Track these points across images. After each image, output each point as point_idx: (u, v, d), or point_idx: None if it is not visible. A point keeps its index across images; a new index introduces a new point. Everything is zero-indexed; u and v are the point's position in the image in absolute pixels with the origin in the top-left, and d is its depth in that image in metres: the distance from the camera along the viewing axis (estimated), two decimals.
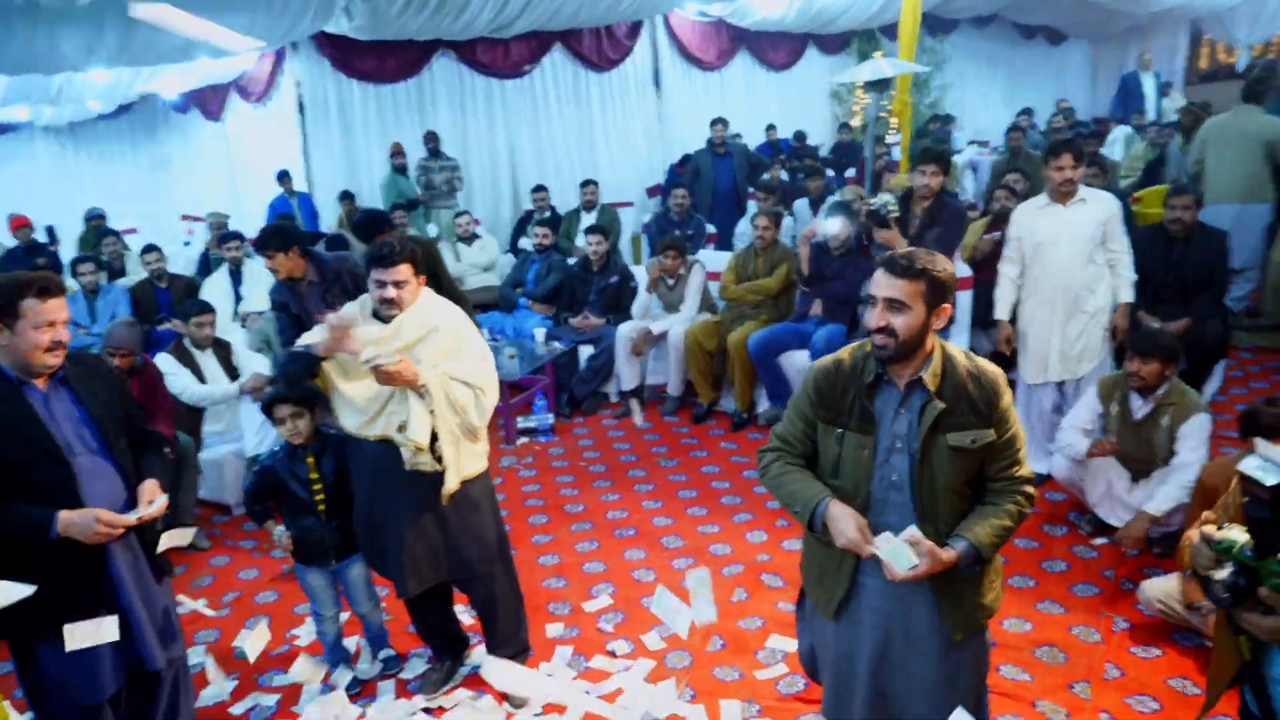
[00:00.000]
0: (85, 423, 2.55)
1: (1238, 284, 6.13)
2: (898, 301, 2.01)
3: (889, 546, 2.00)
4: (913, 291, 2.01)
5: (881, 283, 2.04)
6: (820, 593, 2.28)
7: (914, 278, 2.01)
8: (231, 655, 3.62)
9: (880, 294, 2.03)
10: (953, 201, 4.80)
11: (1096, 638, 3.26)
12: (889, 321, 2.01)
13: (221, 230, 7.65)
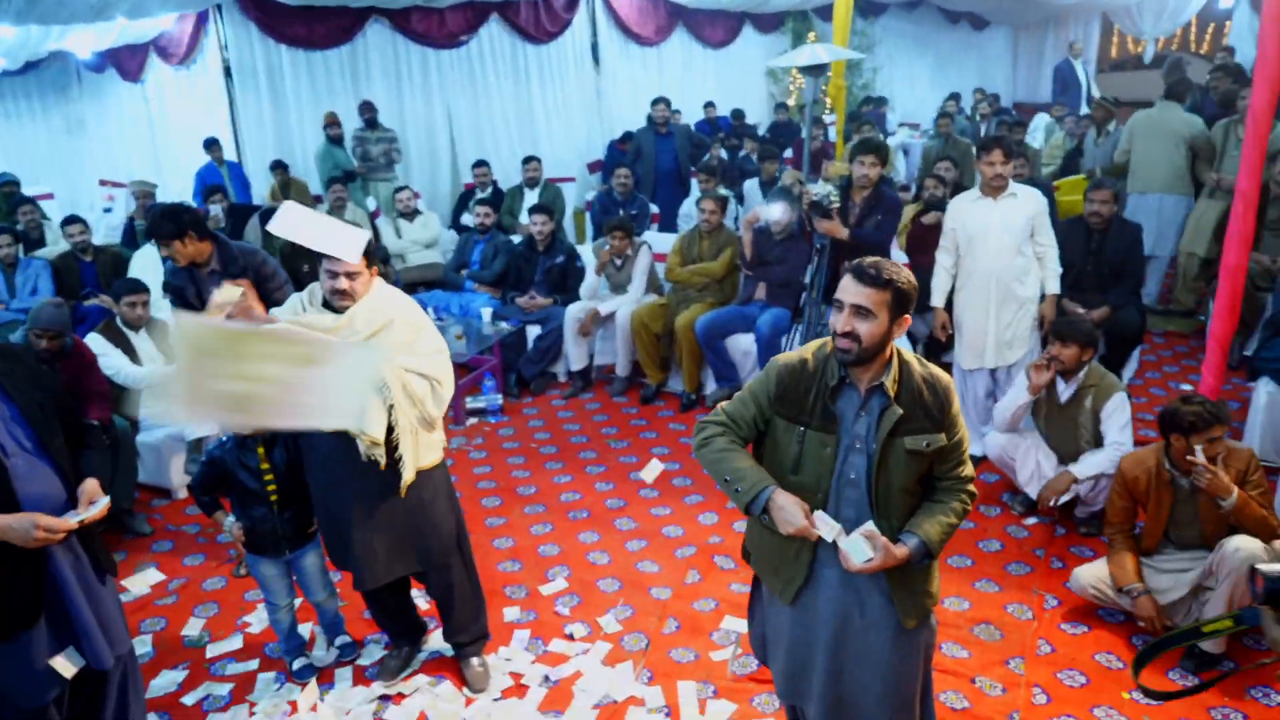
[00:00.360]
0: (16, 421, 2.44)
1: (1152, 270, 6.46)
2: (864, 309, 2.07)
3: (848, 539, 2.07)
4: (879, 300, 2.07)
5: (850, 289, 2.09)
6: (776, 581, 2.34)
7: (881, 287, 2.07)
8: (180, 644, 3.55)
9: (848, 300, 2.09)
10: (891, 191, 4.93)
11: (1029, 615, 3.44)
12: (854, 327, 2.07)
13: (149, 202, 7.31)
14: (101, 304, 5.72)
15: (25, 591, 2.45)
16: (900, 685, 2.26)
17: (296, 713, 3.14)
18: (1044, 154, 8.87)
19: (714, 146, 8.69)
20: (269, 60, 8.62)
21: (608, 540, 4.12)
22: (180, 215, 3.81)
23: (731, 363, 5.46)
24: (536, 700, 3.13)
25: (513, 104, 10.05)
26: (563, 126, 10.43)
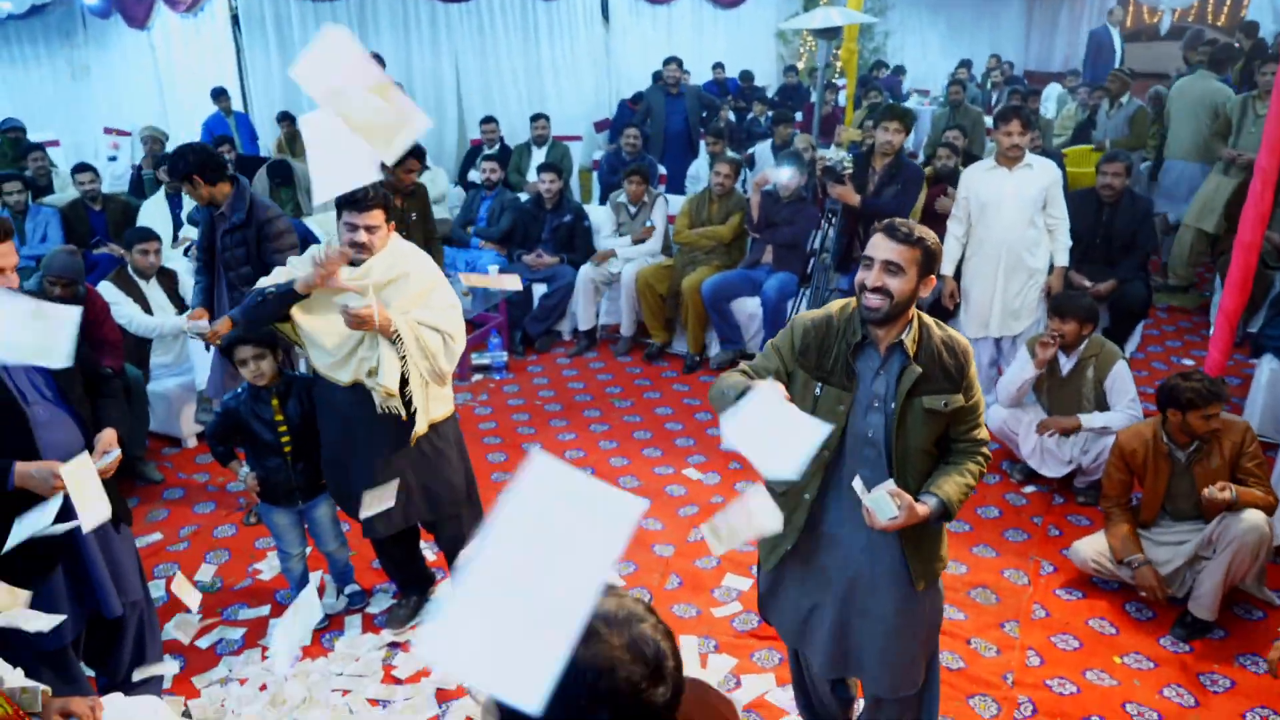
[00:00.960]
0: (39, 369, 2.46)
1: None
2: (895, 264, 2.08)
3: (874, 495, 2.09)
4: (909, 257, 2.08)
5: (881, 246, 2.10)
6: (764, 545, 2.39)
7: (912, 245, 2.09)
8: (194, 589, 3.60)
9: (878, 256, 2.10)
10: (912, 163, 4.86)
11: (1025, 581, 3.50)
12: (885, 283, 2.09)
13: (158, 150, 7.27)
14: (111, 252, 5.71)
15: (43, 538, 2.49)
16: (904, 645, 2.31)
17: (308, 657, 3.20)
18: (1055, 124, 8.79)
19: (723, 109, 8.61)
20: (277, 9, 8.53)
21: None
22: (187, 156, 3.72)
23: (736, 325, 5.48)
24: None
25: (521, 60, 9.93)
26: (571, 84, 10.32)
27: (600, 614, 0.97)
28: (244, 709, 2.97)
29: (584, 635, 0.94)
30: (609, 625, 0.96)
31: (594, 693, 0.93)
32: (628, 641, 0.95)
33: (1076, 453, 3.98)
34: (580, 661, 0.92)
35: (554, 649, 0.92)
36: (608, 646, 0.94)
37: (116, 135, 9.95)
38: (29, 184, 6.28)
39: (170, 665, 3.07)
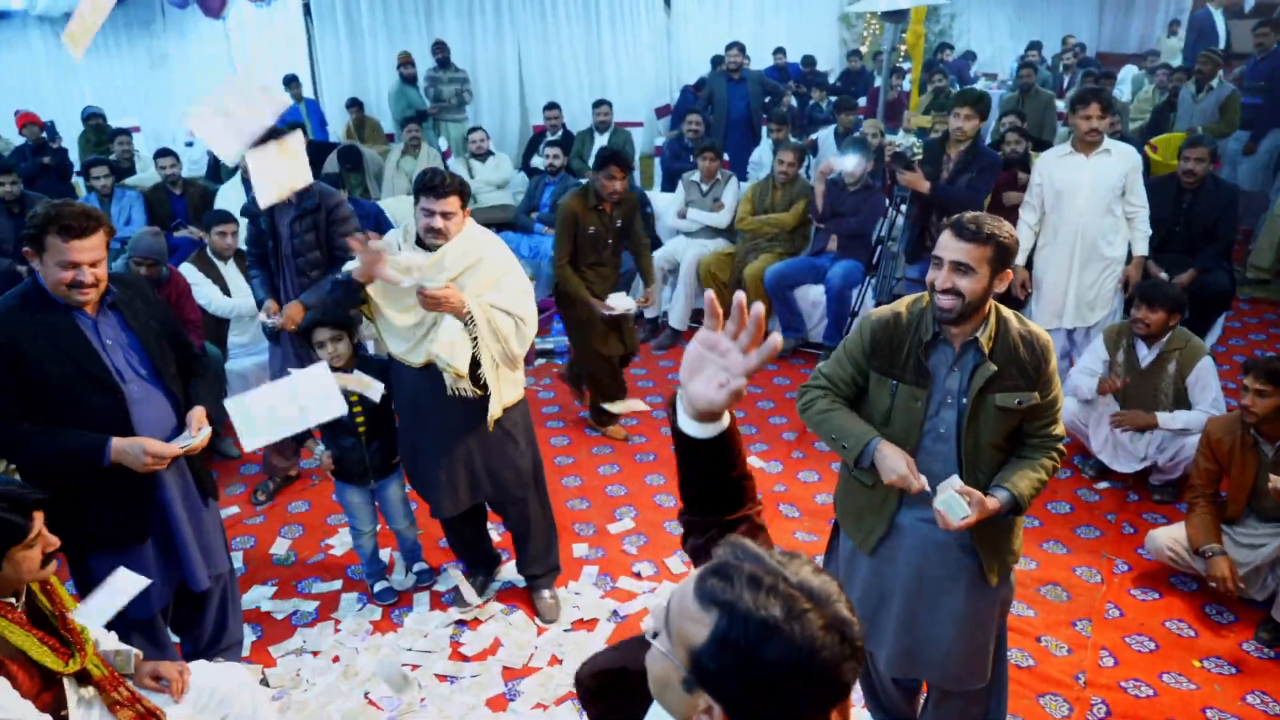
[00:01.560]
0: (134, 348, 2.54)
1: None
2: (964, 265, 2.02)
3: (944, 497, 2.06)
4: (980, 256, 2.01)
5: (949, 245, 2.04)
6: (858, 531, 2.36)
7: (982, 242, 2.01)
8: (269, 561, 3.71)
9: (947, 256, 2.04)
10: (989, 150, 4.72)
11: (1098, 579, 3.40)
12: (955, 284, 2.03)
13: None
14: (190, 235, 5.87)
15: (135, 511, 2.59)
16: (974, 638, 2.28)
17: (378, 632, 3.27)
18: (1131, 108, 8.49)
19: (786, 94, 8.50)
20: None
21: (673, 484, 4.14)
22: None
23: (799, 313, 5.42)
24: (605, 634, 3.21)
25: (583, 47, 9.94)
26: (632, 71, 10.30)
27: (803, 588, 0.96)
28: (318, 679, 3.04)
29: (795, 611, 0.93)
30: (812, 601, 0.94)
31: (806, 671, 0.93)
32: (830, 620, 0.94)
33: (1152, 450, 3.86)
34: (795, 639, 0.92)
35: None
36: (815, 626, 0.93)
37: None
38: (114, 168, 6.47)
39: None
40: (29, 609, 2.14)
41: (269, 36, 9.14)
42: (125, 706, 2.25)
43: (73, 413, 2.42)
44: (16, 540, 2.01)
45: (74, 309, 2.44)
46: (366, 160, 7.05)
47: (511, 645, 3.16)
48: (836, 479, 2.46)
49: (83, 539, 2.54)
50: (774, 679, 0.94)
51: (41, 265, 2.37)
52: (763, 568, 0.98)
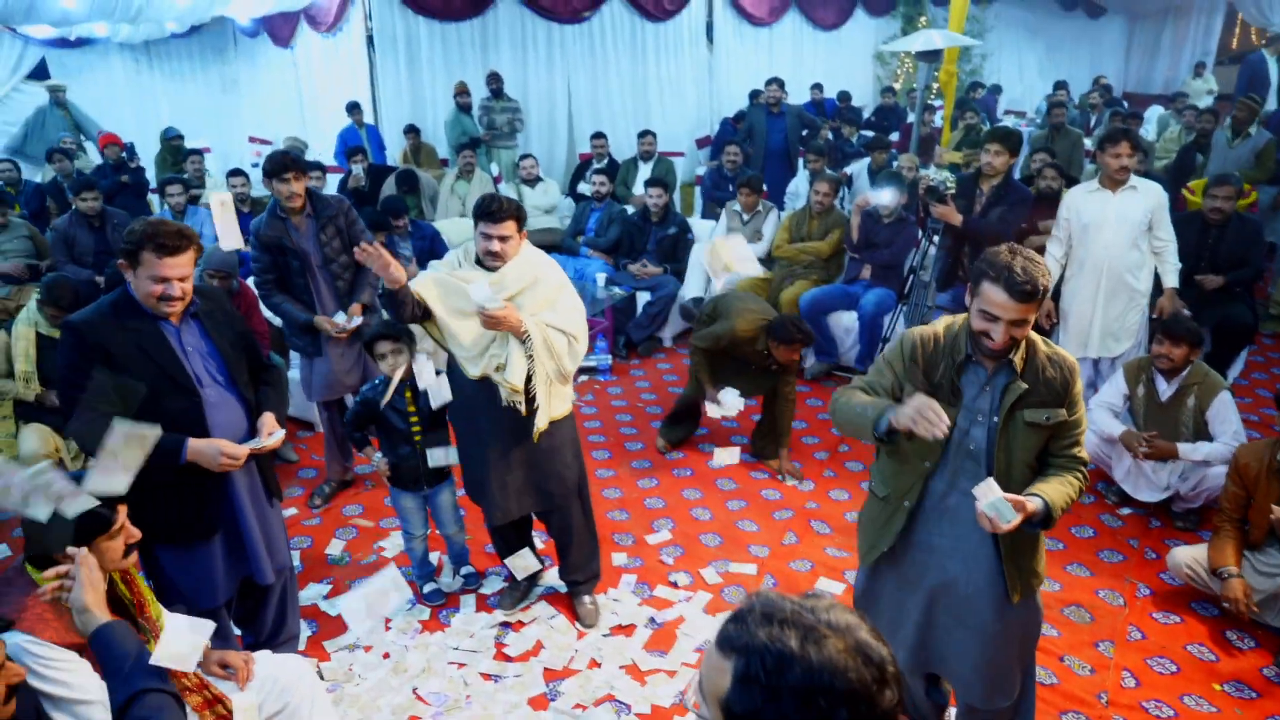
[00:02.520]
0: (212, 356, 2.63)
1: None
2: (1020, 320, 2.04)
3: (991, 500, 2.01)
4: (1033, 308, 2.04)
5: (1008, 307, 2.01)
6: (863, 541, 2.39)
7: (1038, 300, 2.02)
8: (324, 561, 3.78)
9: (1005, 317, 2.02)
10: (1021, 186, 4.71)
11: (1120, 601, 3.37)
12: (1013, 335, 2.06)
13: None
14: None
15: (207, 507, 2.66)
16: (1001, 654, 2.27)
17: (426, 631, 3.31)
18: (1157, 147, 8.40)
19: (823, 128, 8.53)
20: (408, 30, 8.82)
21: (710, 498, 4.19)
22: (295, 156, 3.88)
23: (832, 338, 5.43)
24: (643, 640, 3.23)
25: (629, 79, 10.04)
26: (675, 102, 10.39)
27: (825, 620, 0.94)
28: (369, 674, 3.09)
29: (814, 638, 0.91)
30: (833, 631, 0.92)
31: (832, 693, 0.90)
32: (853, 645, 0.92)
33: (1174, 479, 3.81)
34: (814, 663, 0.90)
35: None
36: (835, 649, 0.91)
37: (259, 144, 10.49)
38: (187, 186, 6.66)
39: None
40: (110, 597, 2.22)
41: (334, 65, 9.35)
42: (194, 692, 2.31)
43: (153, 414, 2.49)
44: (102, 531, 2.08)
45: (160, 318, 2.53)
46: (423, 184, 7.19)
47: (553, 648, 3.19)
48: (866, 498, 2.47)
49: (155, 532, 2.61)
50: (803, 708, 0.91)
51: (135, 277, 2.46)
52: (776, 604, 0.96)
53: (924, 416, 1.95)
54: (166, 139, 8.67)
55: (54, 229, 5.81)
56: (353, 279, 4.01)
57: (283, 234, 3.84)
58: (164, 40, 10.97)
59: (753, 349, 4.17)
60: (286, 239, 3.84)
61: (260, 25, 10.32)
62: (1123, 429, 3.82)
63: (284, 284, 3.93)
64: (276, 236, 3.84)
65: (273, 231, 3.84)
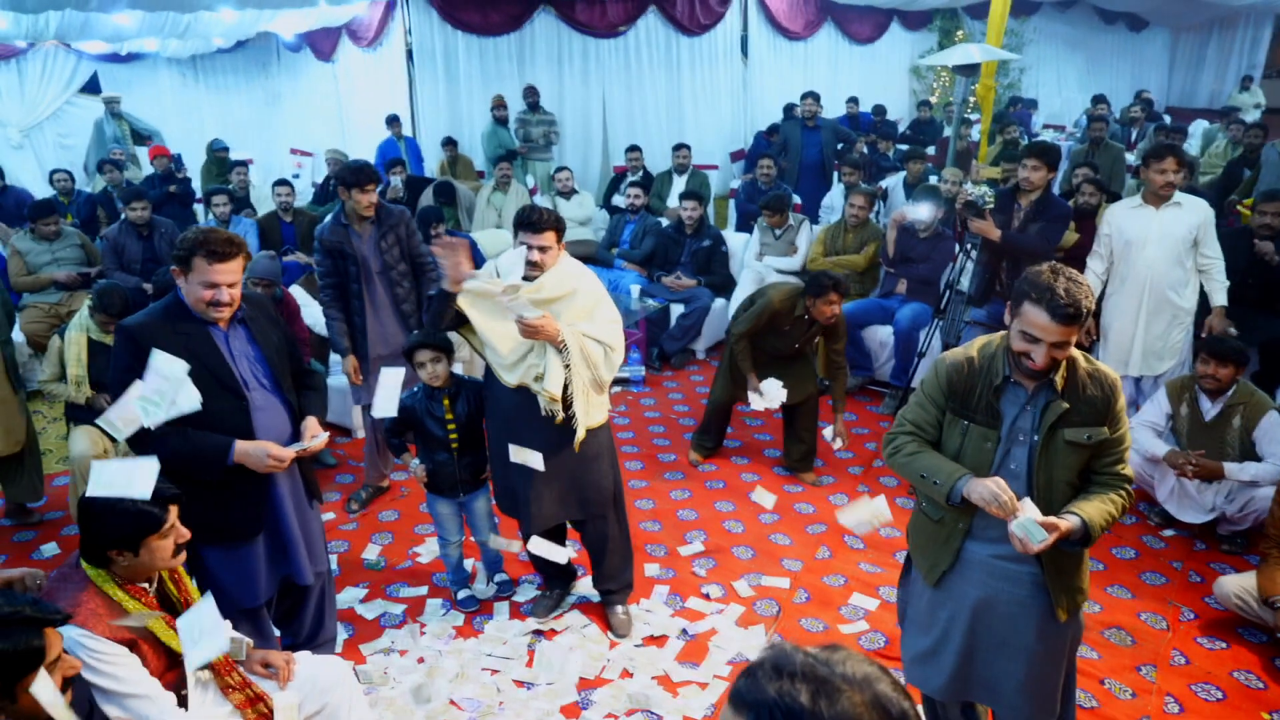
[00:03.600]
0: (259, 360, 2.70)
1: None
2: (1064, 343, 2.03)
3: (1021, 520, 2.02)
4: (1075, 330, 2.02)
5: (1049, 329, 2.00)
6: (924, 561, 2.36)
7: (1080, 322, 2.01)
8: (361, 565, 3.83)
9: (1047, 339, 2.02)
10: (1060, 201, 4.67)
11: (1163, 625, 3.31)
12: (1055, 357, 2.05)
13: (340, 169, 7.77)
14: (299, 260, 6.15)
15: (251, 508, 2.72)
16: (1044, 675, 2.25)
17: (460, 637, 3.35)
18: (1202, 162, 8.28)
19: (858, 142, 8.53)
20: (446, 45, 8.98)
21: (742, 511, 4.19)
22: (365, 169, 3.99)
23: (867, 352, 5.41)
24: (674, 650, 3.23)
25: (664, 92, 10.13)
26: (710, 116, 10.45)
27: (840, 674, 0.90)
28: (404, 678, 3.13)
29: (826, 692, 0.88)
30: (849, 684, 0.89)
31: None
32: (870, 699, 0.89)
33: (1220, 500, 3.74)
34: (826, 719, 0.87)
35: None
36: (852, 703, 0.88)
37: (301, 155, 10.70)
38: (232, 197, 6.82)
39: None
40: (159, 595, 2.28)
41: (374, 79, 9.54)
42: (236, 690, 2.36)
43: (202, 416, 2.56)
44: (153, 530, 2.14)
45: (209, 323, 2.60)
46: (460, 195, 7.29)
47: (585, 656, 3.21)
48: (900, 513, 2.47)
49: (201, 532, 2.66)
50: None
51: (186, 283, 2.53)
52: (788, 658, 0.92)
53: (1000, 504, 2.04)
54: (213, 150, 8.88)
55: (104, 238, 5.98)
56: (411, 288, 4.12)
57: (344, 240, 3.96)
58: (210, 55, 11.25)
59: (792, 318, 4.18)
60: (347, 245, 3.96)
61: (303, 40, 10.56)
62: (1166, 449, 3.76)
63: (343, 289, 4.05)
64: (338, 242, 3.97)
65: (335, 237, 3.97)
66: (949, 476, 2.15)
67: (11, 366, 4.03)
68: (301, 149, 10.82)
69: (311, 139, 10.60)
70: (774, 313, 4.19)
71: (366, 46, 9.49)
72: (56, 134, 10.13)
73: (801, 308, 4.15)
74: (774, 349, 4.31)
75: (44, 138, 10.06)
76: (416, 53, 8.93)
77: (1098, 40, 14.38)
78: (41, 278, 5.73)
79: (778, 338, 4.27)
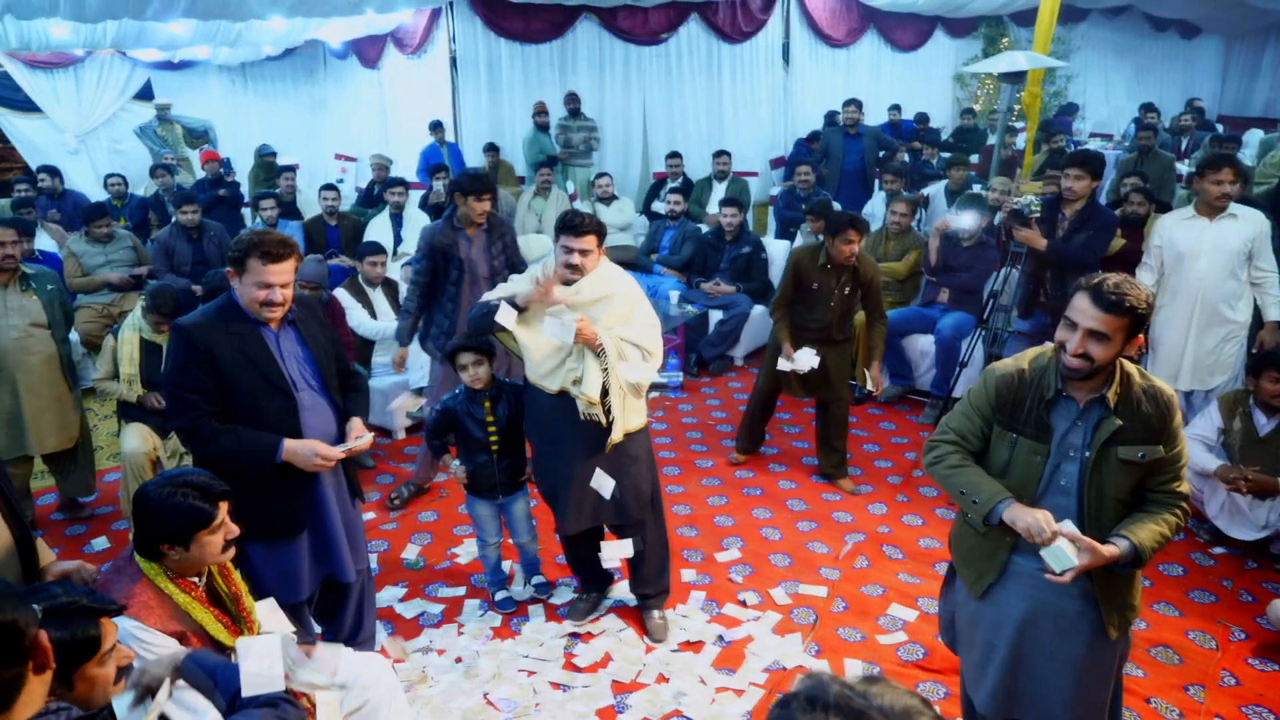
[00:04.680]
0: (308, 361, 2.75)
1: None
2: (1099, 333, 1.97)
3: (1051, 548, 2.01)
4: (1116, 325, 1.96)
5: (1086, 312, 1.97)
6: (969, 574, 2.33)
7: (1120, 313, 1.95)
8: (400, 565, 3.88)
9: (1083, 323, 1.98)
10: (1106, 210, 4.59)
11: (1213, 645, 3.23)
12: (1087, 349, 1.99)
13: (384, 174, 7.89)
14: (343, 263, 6.25)
15: (297, 506, 2.77)
16: (1091, 691, 2.21)
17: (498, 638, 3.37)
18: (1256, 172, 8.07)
19: (900, 150, 8.47)
20: (490, 52, 9.09)
21: (780, 518, 4.17)
22: (483, 176, 4.17)
23: (907, 361, 5.36)
24: (711, 657, 3.23)
25: (704, 99, 10.14)
26: (750, 123, 10.44)
27: (877, 706, 0.88)
28: (441, 677, 3.16)
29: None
30: (885, 716, 0.88)
31: None
32: None
33: (1274, 518, 3.65)
34: None
35: None
36: None
37: (345, 160, 10.88)
38: (279, 201, 6.96)
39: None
40: (208, 589, 2.33)
41: (417, 85, 9.66)
42: None
43: (251, 415, 2.63)
44: (203, 525, 2.19)
45: (261, 323, 2.66)
46: (501, 200, 7.36)
47: (621, 660, 3.22)
48: (940, 524, 2.44)
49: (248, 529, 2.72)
50: None
51: (240, 283, 2.60)
52: (823, 689, 0.90)
53: (1039, 536, 2.01)
54: (261, 155, 9.06)
55: (155, 240, 6.14)
56: None
57: (454, 243, 4.09)
58: (259, 62, 11.49)
59: (818, 268, 4.18)
60: (456, 248, 4.09)
61: (349, 47, 10.73)
62: (1218, 464, 3.68)
63: (432, 290, 4.17)
64: (448, 244, 4.09)
65: (445, 239, 4.09)
66: (990, 497, 2.12)
67: (68, 365, 4.16)
68: (345, 154, 11.01)
69: (355, 144, 10.77)
70: (797, 264, 4.22)
71: (411, 54, 9.62)
72: (110, 139, 10.42)
73: (824, 256, 4.15)
74: (814, 324, 4.26)
75: (98, 143, 10.36)
76: (460, 60, 9.04)
77: (1147, 47, 14.10)
78: (95, 279, 5.89)
79: (814, 303, 4.24)
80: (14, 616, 1.38)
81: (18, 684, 1.38)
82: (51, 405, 4.09)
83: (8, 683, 1.36)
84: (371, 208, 7.48)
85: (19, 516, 2.32)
